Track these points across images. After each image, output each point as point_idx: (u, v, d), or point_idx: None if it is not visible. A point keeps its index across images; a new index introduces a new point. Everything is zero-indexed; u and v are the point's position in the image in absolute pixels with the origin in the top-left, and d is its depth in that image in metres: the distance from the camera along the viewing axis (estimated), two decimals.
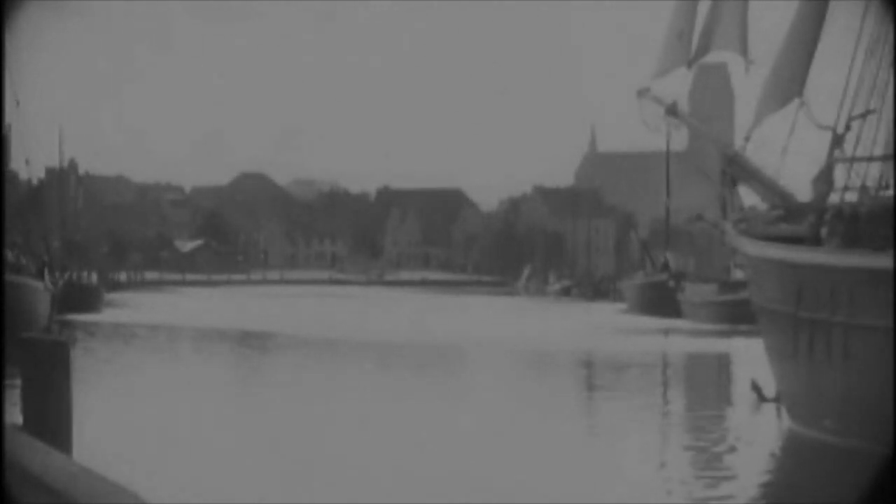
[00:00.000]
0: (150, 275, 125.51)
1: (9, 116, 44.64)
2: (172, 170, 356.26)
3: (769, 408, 24.54)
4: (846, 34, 22.35)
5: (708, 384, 34.82)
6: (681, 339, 49.06)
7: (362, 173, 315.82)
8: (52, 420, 12.28)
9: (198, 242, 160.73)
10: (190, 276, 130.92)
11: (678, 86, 27.24)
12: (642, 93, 27.32)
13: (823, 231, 22.16)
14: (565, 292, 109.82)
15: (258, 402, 28.11)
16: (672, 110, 26.79)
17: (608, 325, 58.44)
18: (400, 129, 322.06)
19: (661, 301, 66.07)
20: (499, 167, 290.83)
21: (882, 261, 19.74)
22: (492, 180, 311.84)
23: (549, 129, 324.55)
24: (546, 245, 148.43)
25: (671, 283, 68.14)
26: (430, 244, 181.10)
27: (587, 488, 17.78)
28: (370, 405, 27.11)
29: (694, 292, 64.07)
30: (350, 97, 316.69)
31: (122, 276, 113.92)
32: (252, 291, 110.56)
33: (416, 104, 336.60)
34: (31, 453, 8.78)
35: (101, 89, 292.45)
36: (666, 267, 72.76)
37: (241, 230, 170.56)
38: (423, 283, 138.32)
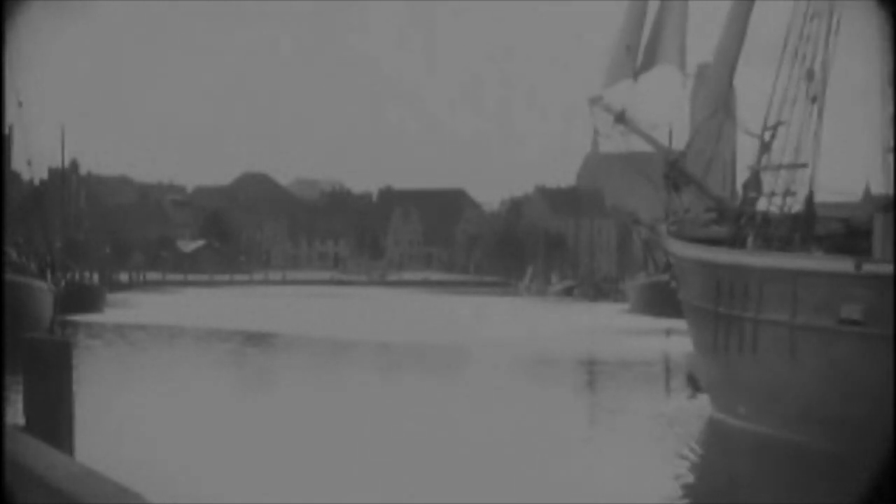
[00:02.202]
0: (152, 275, 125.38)
1: (11, 117, 44.72)
2: (175, 170, 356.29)
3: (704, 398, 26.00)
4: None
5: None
6: (682, 340, 49.00)
7: (365, 173, 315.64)
8: (54, 420, 12.30)
9: (200, 243, 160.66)
10: (192, 277, 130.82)
11: (625, 95, 28.53)
12: (594, 101, 28.42)
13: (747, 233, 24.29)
14: (567, 293, 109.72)
15: (260, 403, 28.14)
16: (621, 118, 27.96)
17: (610, 326, 58.45)
18: (401, 128, 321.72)
19: (662, 301, 65.85)
20: (501, 167, 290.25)
21: (785, 261, 21.80)
22: (494, 180, 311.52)
23: (551, 128, 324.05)
24: (548, 245, 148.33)
25: (673, 284, 67.95)
26: (433, 244, 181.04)
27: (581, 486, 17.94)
28: (373, 404, 27.18)
29: None
30: (351, 97, 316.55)
31: (124, 277, 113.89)
32: (254, 292, 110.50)
33: (417, 104, 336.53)
34: (33, 454, 8.79)
35: (104, 90, 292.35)
36: (668, 267, 72.53)
37: (243, 230, 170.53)
38: (426, 284, 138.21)
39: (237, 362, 39.31)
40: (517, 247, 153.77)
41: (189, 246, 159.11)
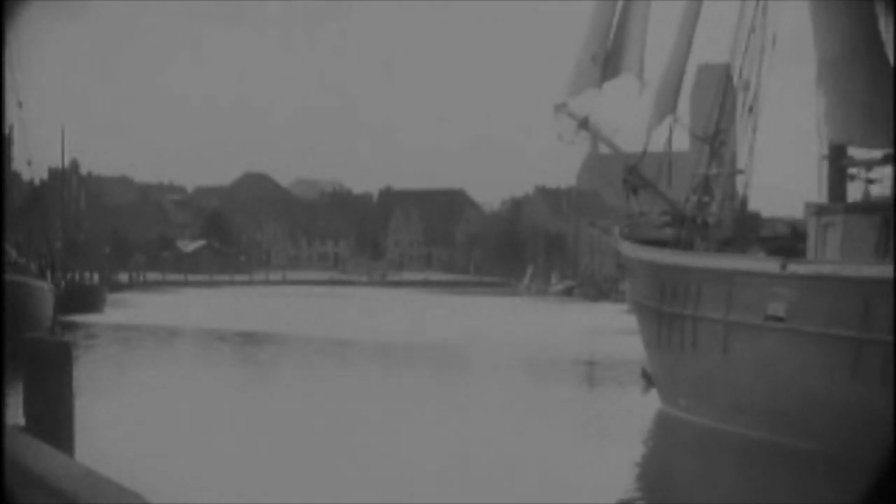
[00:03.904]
0: (152, 275, 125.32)
1: (11, 117, 44.75)
2: (175, 170, 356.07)
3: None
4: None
5: None
6: None
7: (365, 173, 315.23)
8: (54, 420, 12.30)
9: (200, 243, 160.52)
10: (192, 277, 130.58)
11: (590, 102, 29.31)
12: (559, 108, 29.01)
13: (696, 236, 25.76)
14: (567, 293, 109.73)
15: (260, 403, 28.15)
16: (584, 124, 28.68)
17: (610, 326, 58.43)
18: (402, 128, 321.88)
19: None
20: (501, 167, 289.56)
21: (720, 261, 23.24)
22: (494, 180, 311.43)
23: (551, 128, 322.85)
24: (548, 246, 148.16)
25: None
26: (433, 245, 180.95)
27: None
28: (373, 404, 27.20)
29: None
30: (352, 97, 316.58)
31: (124, 277, 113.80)
32: (254, 292, 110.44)
33: (417, 104, 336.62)
34: (33, 454, 8.80)
35: (104, 90, 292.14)
36: None
37: (243, 230, 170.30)
38: (426, 284, 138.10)
39: (237, 362, 39.31)
40: (517, 247, 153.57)
41: (189, 246, 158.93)
